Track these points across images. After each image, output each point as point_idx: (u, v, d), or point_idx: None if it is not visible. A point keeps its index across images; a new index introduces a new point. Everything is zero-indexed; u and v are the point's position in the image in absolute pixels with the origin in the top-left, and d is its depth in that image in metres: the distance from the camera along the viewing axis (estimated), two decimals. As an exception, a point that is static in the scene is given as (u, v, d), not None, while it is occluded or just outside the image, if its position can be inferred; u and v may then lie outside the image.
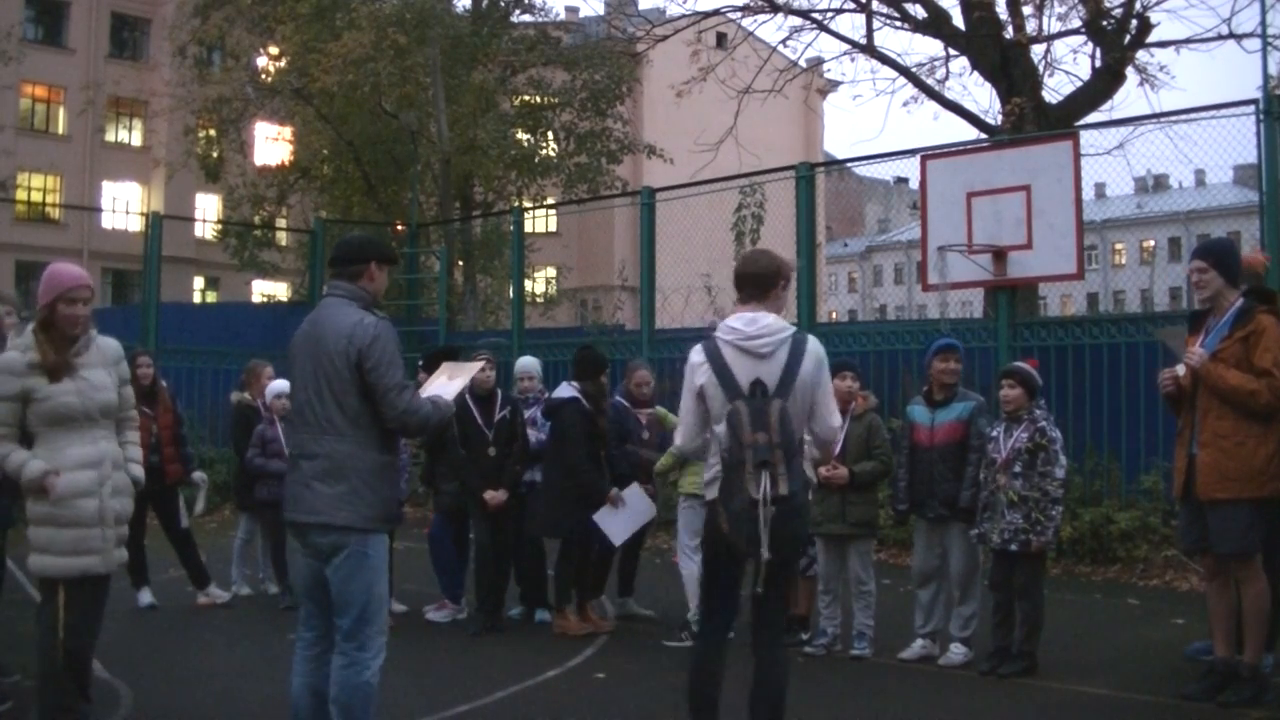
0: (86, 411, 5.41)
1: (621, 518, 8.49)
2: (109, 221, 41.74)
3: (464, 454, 8.56)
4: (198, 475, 9.94)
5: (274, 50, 24.43)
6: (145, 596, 9.23)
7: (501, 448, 8.69)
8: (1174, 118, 12.09)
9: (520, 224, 17.01)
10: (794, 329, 5.05)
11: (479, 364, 7.39)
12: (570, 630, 8.41)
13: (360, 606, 4.82)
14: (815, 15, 18.26)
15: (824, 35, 18.47)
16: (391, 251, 5.45)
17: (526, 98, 24.69)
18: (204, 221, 35.64)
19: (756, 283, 5.10)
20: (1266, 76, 11.20)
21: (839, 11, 18.16)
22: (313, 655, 4.95)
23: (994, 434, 7.28)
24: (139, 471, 5.71)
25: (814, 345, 5.04)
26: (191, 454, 10.06)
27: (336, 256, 5.17)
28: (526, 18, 25.47)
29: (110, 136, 43.20)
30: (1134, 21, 16.31)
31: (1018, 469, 7.08)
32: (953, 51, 17.71)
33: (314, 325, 5.04)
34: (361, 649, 4.81)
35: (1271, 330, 6.20)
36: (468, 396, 8.46)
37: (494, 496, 8.57)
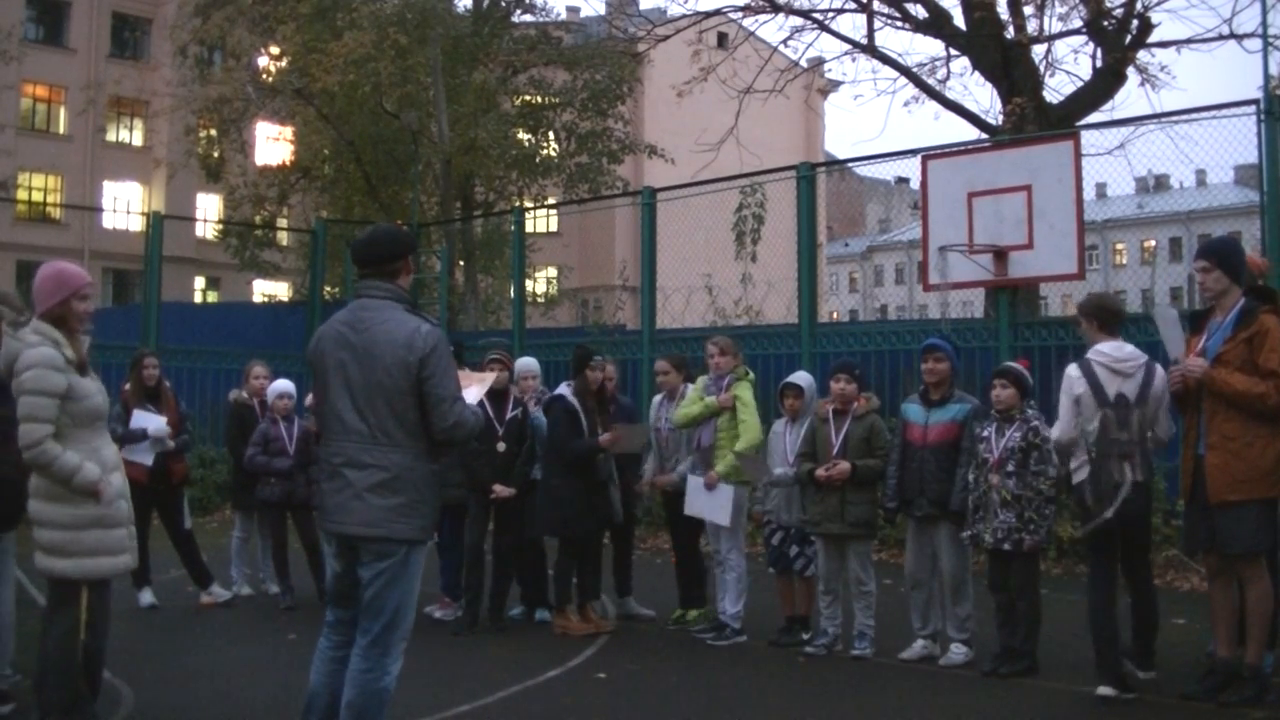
0: (105, 411, 5.44)
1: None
2: (110, 221, 41.71)
3: (476, 445, 8.50)
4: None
5: (275, 50, 24.43)
6: (146, 596, 9.23)
7: (511, 445, 8.70)
8: (1175, 118, 12.09)
9: (521, 224, 17.01)
10: (1146, 357, 6.60)
11: (492, 375, 7.67)
12: (571, 630, 8.41)
13: (391, 613, 4.79)
14: (816, 15, 18.28)
15: (825, 35, 18.50)
16: (414, 240, 5.29)
17: (527, 97, 24.71)
18: (205, 221, 35.63)
19: (1119, 318, 6.88)
20: (1267, 76, 11.19)
21: (840, 11, 18.18)
22: (338, 657, 4.91)
23: (985, 434, 7.27)
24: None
25: (1159, 368, 6.55)
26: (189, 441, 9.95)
27: (371, 255, 4.95)
28: (527, 17, 25.51)
29: (111, 136, 43.14)
30: (1135, 21, 16.32)
31: (1010, 468, 7.08)
32: (954, 51, 17.73)
33: (358, 331, 4.82)
34: (384, 654, 4.79)
35: (1275, 331, 6.18)
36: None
37: (503, 490, 8.58)
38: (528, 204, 22.67)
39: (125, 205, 41.96)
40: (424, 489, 4.82)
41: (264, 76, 25.07)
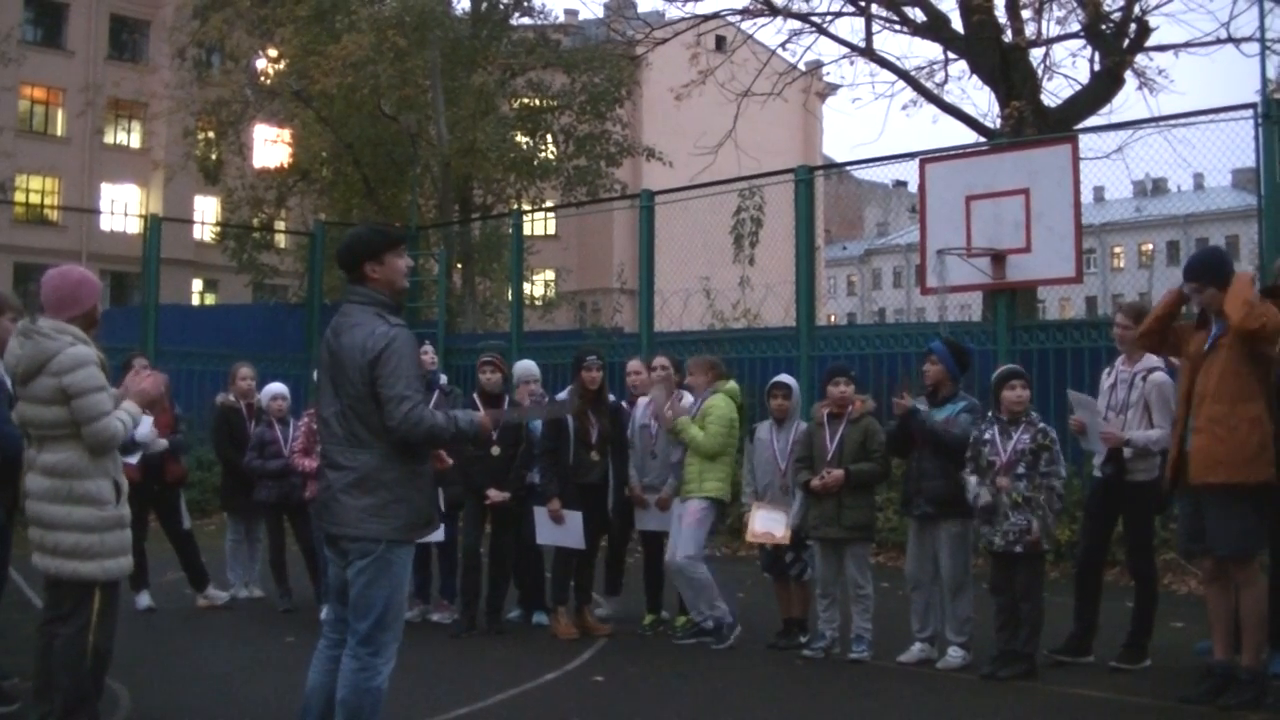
0: None
1: (551, 530, 8.47)
2: (108, 224, 41.62)
3: (471, 450, 8.47)
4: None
5: (273, 52, 24.39)
6: (144, 599, 9.22)
7: (506, 448, 8.67)
8: (1172, 121, 12.09)
9: (519, 227, 17.00)
10: None
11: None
12: (557, 633, 8.42)
13: (379, 612, 4.81)
14: (814, 18, 18.33)
15: (823, 38, 18.53)
16: (384, 236, 5.05)
17: (526, 100, 24.69)
18: (203, 224, 35.58)
19: None
20: (1265, 80, 11.22)
21: (838, 15, 18.22)
22: (335, 655, 4.94)
23: (987, 436, 7.27)
24: None
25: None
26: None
27: (342, 260, 5.04)
28: (526, 20, 25.47)
29: (109, 138, 43.12)
30: (1133, 25, 16.36)
31: (1021, 470, 7.09)
32: (952, 55, 17.75)
33: (336, 336, 4.96)
34: (375, 654, 4.81)
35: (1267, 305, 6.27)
36: (475, 396, 8.54)
37: (497, 495, 8.56)
38: (526, 207, 22.65)
39: (123, 207, 41.93)
40: (397, 489, 4.84)
41: (262, 79, 25.05)
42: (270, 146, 27.34)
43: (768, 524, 8.04)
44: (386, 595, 4.83)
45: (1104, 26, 16.34)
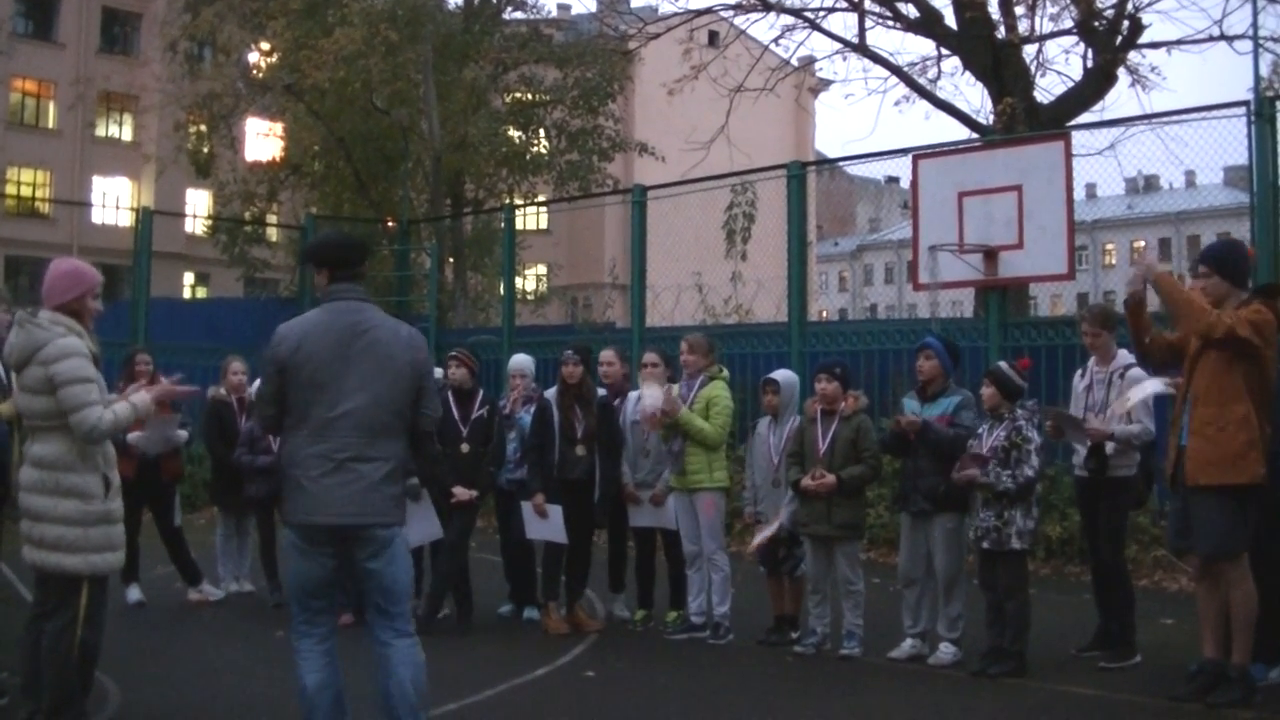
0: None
1: (538, 525, 8.47)
2: (99, 217, 41.46)
3: (440, 448, 8.32)
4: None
5: (265, 46, 24.32)
6: (134, 593, 9.18)
7: (477, 445, 8.58)
8: (1165, 119, 12.10)
9: (511, 221, 16.98)
10: None
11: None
12: (549, 628, 8.41)
13: (406, 591, 5.09)
14: (807, 14, 18.33)
15: (816, 34, 18.56)
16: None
17: (518, 95, 24.67)
18: (194, 217, 35.47)
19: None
20: (1257, 78, 11.24)
21: (831, 10, 18.23)
22: (325, 650, 5.01)
23: (979, 431, 7.30)
24: None
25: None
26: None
27: (345, 257, 5.10)
28: (518, 14, 25.44)
29: (101, 132, 42.92)
30: (1126, 22, 16.39)
31: (992, 465, 7.10)
32: (945, 51, 17.76)
33: (359, 332, 4.93)
34: (412, 627, 5.05)
35: (1252, 308, 6.25)
36: (448, 392, 8.50)
37: (463, 493, 8.44)
38: (518, 201, 22.62)
39: (114, 201, 41.80)
40: (407, 475, 5.28)
41: (254, 72, 24.98)
42: (262, 140, 27.31)
43: (764, 533, 8.06)
44: (408, 573, 5.12)
45: (1097, 23, 16.36)
